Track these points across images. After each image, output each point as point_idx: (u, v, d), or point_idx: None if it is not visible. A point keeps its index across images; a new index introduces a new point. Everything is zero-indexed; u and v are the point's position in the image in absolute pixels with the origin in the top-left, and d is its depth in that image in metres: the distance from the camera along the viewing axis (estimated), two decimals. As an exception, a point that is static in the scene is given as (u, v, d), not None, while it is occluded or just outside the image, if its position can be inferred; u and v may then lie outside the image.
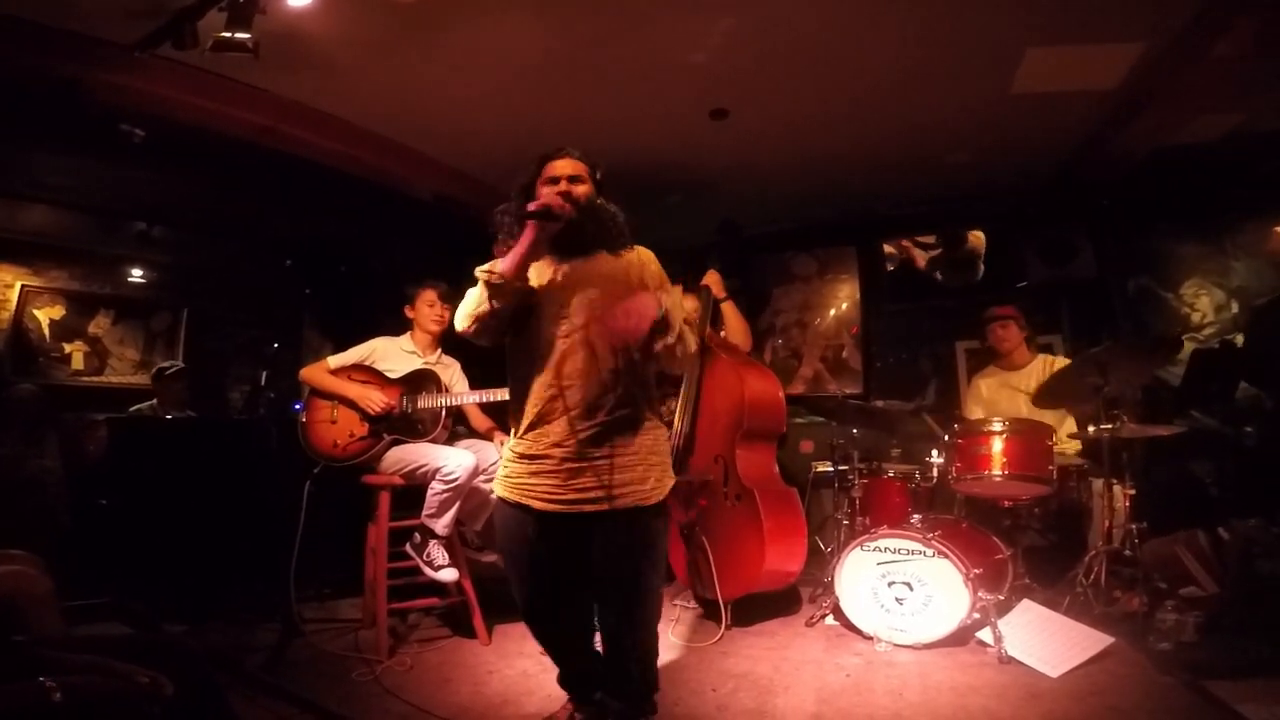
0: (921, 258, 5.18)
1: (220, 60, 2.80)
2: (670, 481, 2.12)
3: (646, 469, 2.04)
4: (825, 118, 3.73)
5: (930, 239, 5.12)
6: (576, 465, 1.98)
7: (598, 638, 2.19)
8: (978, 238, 4.97)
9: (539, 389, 2.01)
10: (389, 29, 2.93)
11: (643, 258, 2.15)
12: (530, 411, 2.03)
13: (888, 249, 5.20)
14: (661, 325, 1.94)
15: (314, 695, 2.48)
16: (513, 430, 2.12)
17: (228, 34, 2.61)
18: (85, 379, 4.71)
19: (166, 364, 4.65)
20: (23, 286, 4.60)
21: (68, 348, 4.68)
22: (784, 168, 4.34)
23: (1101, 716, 2.26)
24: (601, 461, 1.99)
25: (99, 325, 4.83)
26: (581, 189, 2.07)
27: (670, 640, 3.13)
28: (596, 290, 2.03)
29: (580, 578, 2.12)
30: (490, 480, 3.12)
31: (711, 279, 3.67)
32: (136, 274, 5.03)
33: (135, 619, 2.88)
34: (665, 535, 2.19)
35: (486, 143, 3.94)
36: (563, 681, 2.28)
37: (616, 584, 2.04)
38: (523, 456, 2.05)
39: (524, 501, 2.04)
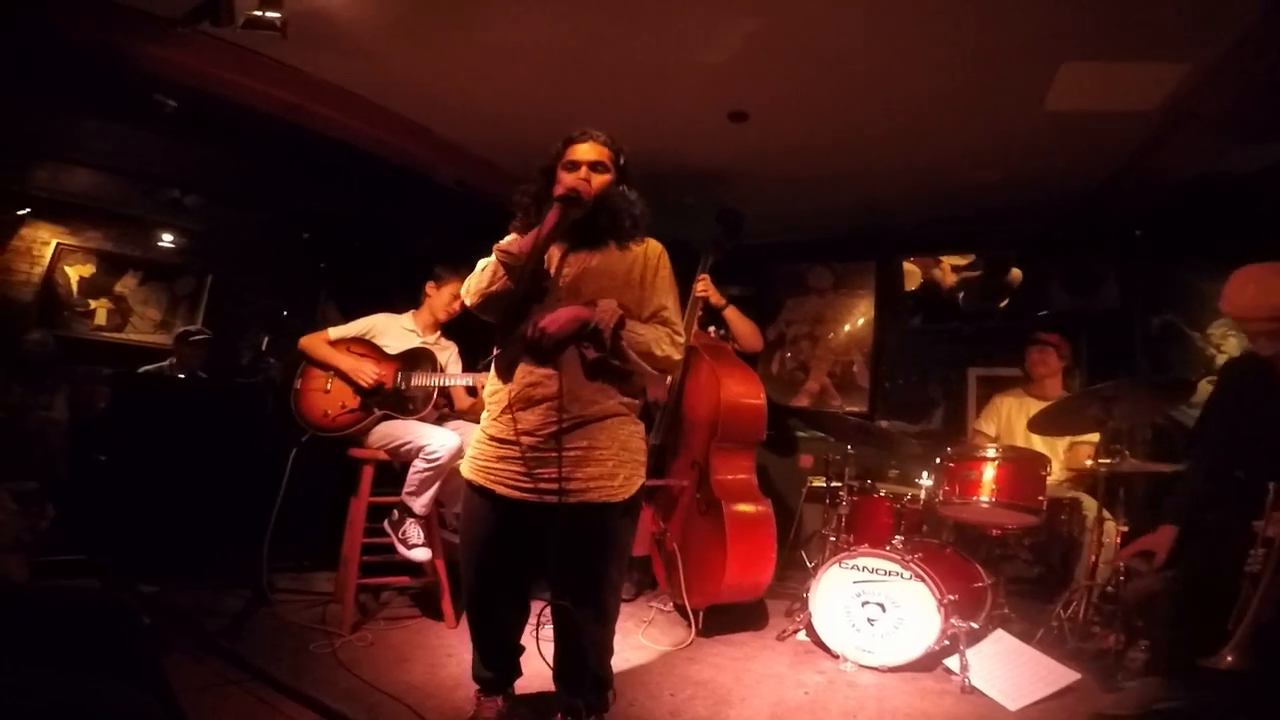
0: (951, 277, 5.07)
1: (254, 37, 2.88)
2: (640, 481, 2.06)
3: (617, 465, 2.01)
4: (848, 126, 3.64)
5: (962, 260, 4.99)
6: (543, 455, 1.95)
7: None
8: (1017, 274, 4.85)
9: (520, 374, 2.00)
10: (417, 15, 2.96)
11: (649, 252, 2.12)
12: (507, 395, 2.01)
13: (913, 267, 5.09)
14: (591, 336, 1.94)
15: (266, 663, 2.49)
16: (488, 411, 2.11)
17: (259, 12, 2.69)
18: (106, 334, 4.88)
19: (192, 328, 4.77)
20: (58, 244, 4.78)
21: (93, 304, 4.85)
22: (804, 176, 4.26)
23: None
24: (572, 453, 1.95)
25: (125, 285, 4.99)
26: (601, 178, 2.04)
27: (640, 641, 3.11)
28: (592, 283, 2.02)
29: (530, 570, 2.14)
30: None
31: (702, 287, 3.58)
32: (167, 239, 5.18)
33: (109, 576, 2.92)
34: (630, 533, 2.14)
35: (510, 133, 3.95)
36: (482, 673, 2.25)
37: (577, 578, 2.02)
38: (493, 439, 2.04)
39: (488, 486, 2.03)
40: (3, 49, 3.00)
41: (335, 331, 3.34)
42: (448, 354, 3.47)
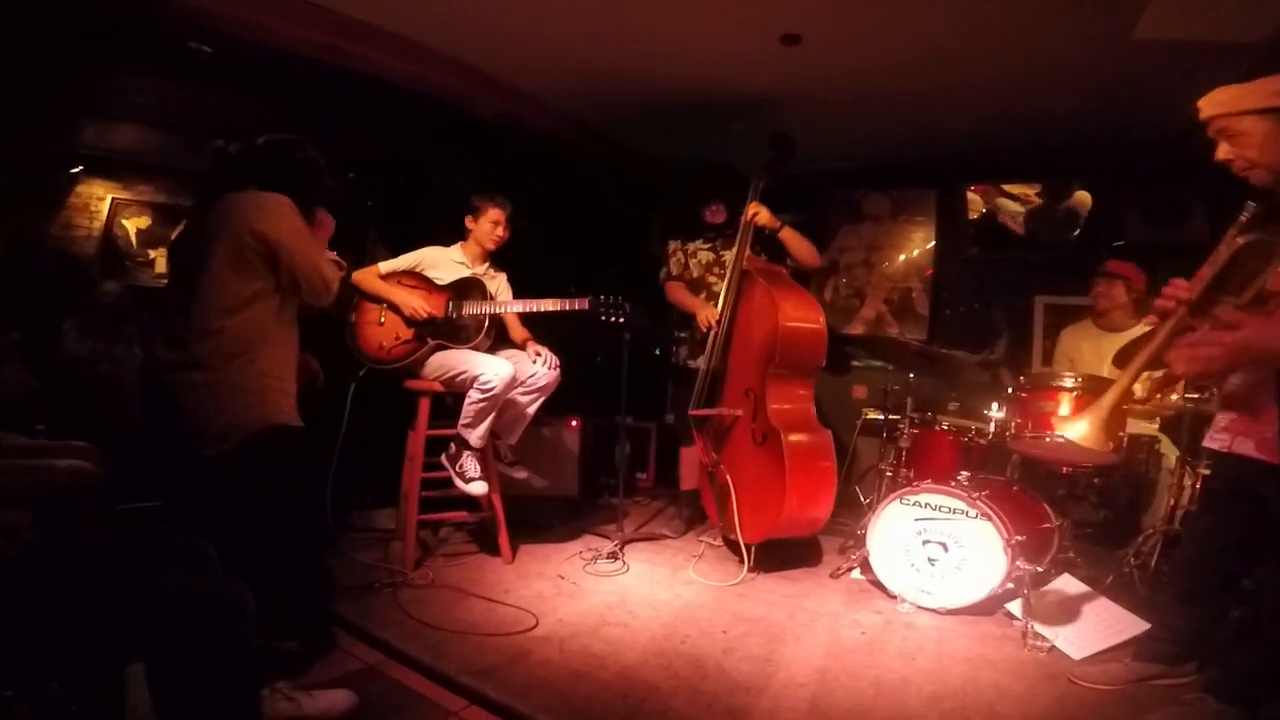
0: (1010, 206, 4.80)
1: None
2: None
3: None
4: (913, 49, 3.35)
5: (1022, 189, 4.71)
6: None
7: None
8: (1083, 198, 4.54)
9: None
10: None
11: None
12: None
13: (974, 195, 4.82)
14: None
15: (335, 604, 2.57)
16: None
17: None
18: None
19: None
20: (113, 199, 4.86)
21: (152, 254, 4.95)
22: (860, 100, 4.00)
23: (1117, 707, 2.11)
24: None
25: (181, 235, 5.08)
26: None
27: (690, 576, 3.13)
28: None
29: None
30: (528, 393, 3.16)
31: (754, 211, 3.43)
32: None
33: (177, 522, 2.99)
34: None
35: (550, 63, 3.84)
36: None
37: None
38: None
39: None
40: (35, 9, 2.98)
41: (385, 265, 3.34)
42: (498, 283, 3.46)
